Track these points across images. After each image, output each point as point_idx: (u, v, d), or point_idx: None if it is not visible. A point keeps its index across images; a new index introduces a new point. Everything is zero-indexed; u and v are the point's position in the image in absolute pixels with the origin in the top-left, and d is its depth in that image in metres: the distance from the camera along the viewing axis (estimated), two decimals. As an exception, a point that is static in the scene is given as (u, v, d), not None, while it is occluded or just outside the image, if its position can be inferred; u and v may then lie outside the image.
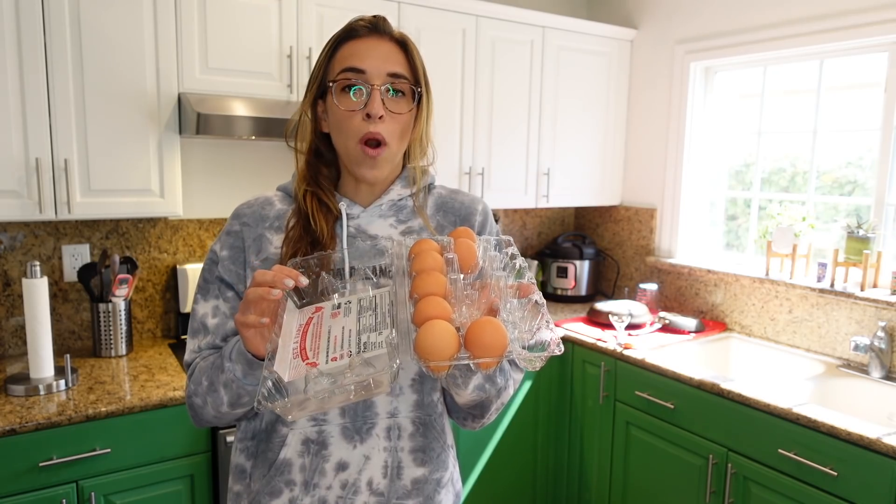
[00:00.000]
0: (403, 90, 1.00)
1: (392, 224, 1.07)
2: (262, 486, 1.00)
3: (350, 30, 1.02)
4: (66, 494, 1.73)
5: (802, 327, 2.49)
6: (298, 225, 1.03)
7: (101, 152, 1.98)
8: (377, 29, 1.02)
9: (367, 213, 1.06)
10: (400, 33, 1.04)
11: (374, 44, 1.00)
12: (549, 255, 3.25)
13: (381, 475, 1.00)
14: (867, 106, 2.39)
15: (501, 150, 2.81)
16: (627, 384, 2.44)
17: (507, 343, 0.76)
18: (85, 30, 1.91)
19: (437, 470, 1.06)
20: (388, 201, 1.07)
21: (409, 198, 1.09)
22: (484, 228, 1.13)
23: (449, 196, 1.14)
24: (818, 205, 2.58)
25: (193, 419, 1.05)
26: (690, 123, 2.91)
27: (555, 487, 2.79)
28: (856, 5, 2.30)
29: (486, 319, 0.78)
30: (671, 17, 2.94)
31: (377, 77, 0.98)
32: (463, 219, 1.11)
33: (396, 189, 1.08)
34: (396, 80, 0.99)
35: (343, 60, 1.00)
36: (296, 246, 1.00)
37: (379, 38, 1.01)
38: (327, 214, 1.03)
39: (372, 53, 0.99)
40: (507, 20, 2.70)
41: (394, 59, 1.00)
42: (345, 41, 1.01)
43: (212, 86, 2.12)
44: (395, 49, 1.01)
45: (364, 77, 0.98)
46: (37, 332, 1.88)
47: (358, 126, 0.98)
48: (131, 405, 1.80)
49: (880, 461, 1.71)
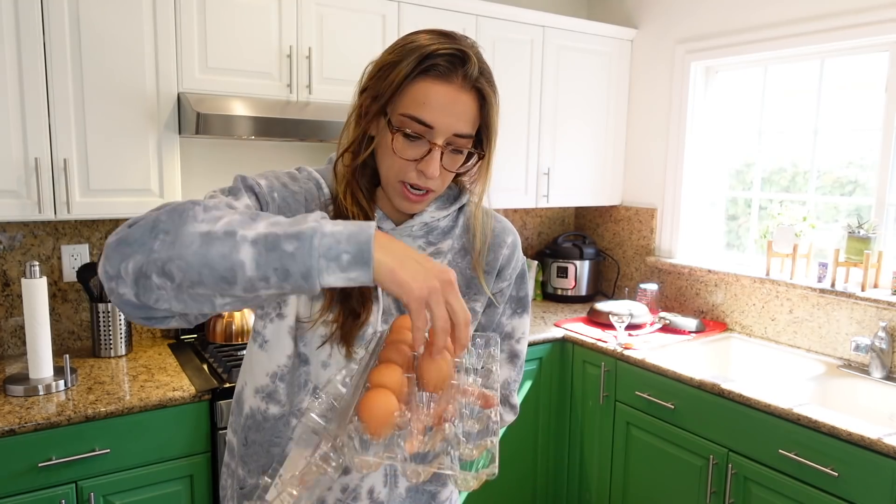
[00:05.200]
0: (464, 149, 0.94)
1: (421, 245, 1.02)
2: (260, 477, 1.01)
3: (433, 63, 0.89)
4: (65, 495, 1.72)
5: (803, 327, 2.49)
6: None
7: (101, 152, 1.98)
8: (464, 74, 0.90)
9: (396, 231, 1.00)
10: (483, 84, 0.92)
11: (451, 96, 0.89)
12: (550, 255, 3.24)
13: (382, 483, 1.00)
14: (868, 106, 2.39)
15: (501, 150, 2.77)
16: (628, 384, 2.44)
17: (390, 416, 0.70)
18: (84, 29, 1.91)
19: (430, 483, 1.06)
20: (419, 223, 1.01)
21: (444, 219, 1.04)
22: (508, 265, 1.08)
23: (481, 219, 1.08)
24: (819, 205, 2.58)
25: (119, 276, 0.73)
26: (691, 123, 2.91)
27: (555, 488, 2.79)
28: (856, 5, 2.29)
29: (377, 391, 0.72)
30: (671, 17, 2.94)
31: (442, 136, 0.90)
32: (489, 249, 1.06)
33: (430, 211, 1.02)
34: (461, 139, 0.92)
35: (412, 103, 0.89)
36: None
37: (460, 87, 0.90)
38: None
39: (446, 109, 0.89)
40: (507, 20, 2.70)
41: (466, 118, 0.91)
42: (422, 75, 0.89)
43: (211, 85, 2.11)
44: (472, 105, 0.92)
45: (430, 132, 0.89)
46: (36, 333, 1.87)
47: (407, 173, 0.91)
48: (130, 405, 1.80)
49: (881, 462, 1.70)
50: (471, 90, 0.91)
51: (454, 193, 1.07)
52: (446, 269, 0.72)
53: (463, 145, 0.93)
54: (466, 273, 1.04)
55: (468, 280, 1.03)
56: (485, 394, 0.77)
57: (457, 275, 0.97)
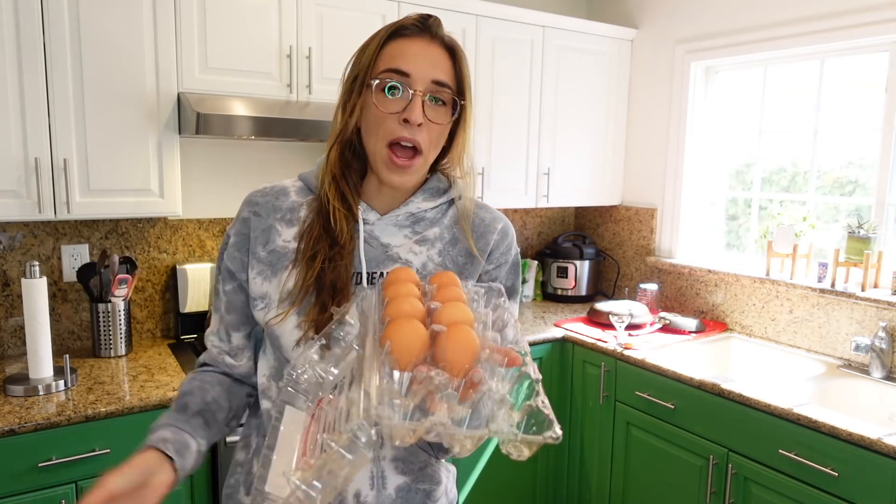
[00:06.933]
0: (445, 100, 0.97)
1: (407, 235, 1.03)
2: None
3: (399, 27, 0.97)
4: (65, 495, 1.72)
5: (803, 327, 2.49)
6: (318, 223, 0.99)
7: (101, 152, 1.98)
8: (428, 30, 0.98)
9: (382, 220, 1.02)
10: (451, 38, 1.00)
11: (422, 47, 0.96)
12: (550, 255, 3.24)
13: (369, 486, 0.99)
14: (868, 106, 2.39)
15: (501, 150, 2.80)
16: (628, 384, 2.44)
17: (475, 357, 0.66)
18: (84, 29, 1.91)
19: (423, 481, 1.02)
20: (405, 213, 1.03)
21: (431, 210, 1.05)
22: (497, 248, 1.07)
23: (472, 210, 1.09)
24: (819, 205, 2.58)
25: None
26: (691, 123, 2.91)
27: (555, 488, 2.79)
28: (856, 5, 2.29)
29: (462, 328, 0.68)
30: (671, 17, 2.94)
31: (421, 82, 0.94)
32: (479, 236, 1.06)
33: (417, 202, 1.03)
34: (440, 88, 0.95)
35: (388, 60, 0.95)
36: (316, 246, 0.97)
37: (429, 41, 0.97)
38: (347, 214, 0.99)
39: (419, 57, 0.95)
40: (507, 20, 2.70)
41: (440, 66, 0.96)
42: (392, 38, 0.97)
43: (211, 85, 2.11)
44: (443, 55, 0.97)
45: (407, 80, 0.94)
46: (36, 333, 1.87)
47: (393, 129, 0.94)
48: (130, 405, 1.80)
49: (881, 462, 1.70)
50: (441, 45, 0.98)
51: (443, 186, 1.07)
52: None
53: (442, 94, 0.96)
54: (458, 261, 1.04)
55: (460, 267, 1.04)
56: (508, 351, 0.73)
57: (448, 262, 1.03)
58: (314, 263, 0.96)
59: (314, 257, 0.96)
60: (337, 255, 0.96)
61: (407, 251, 1.02)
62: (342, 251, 0.96)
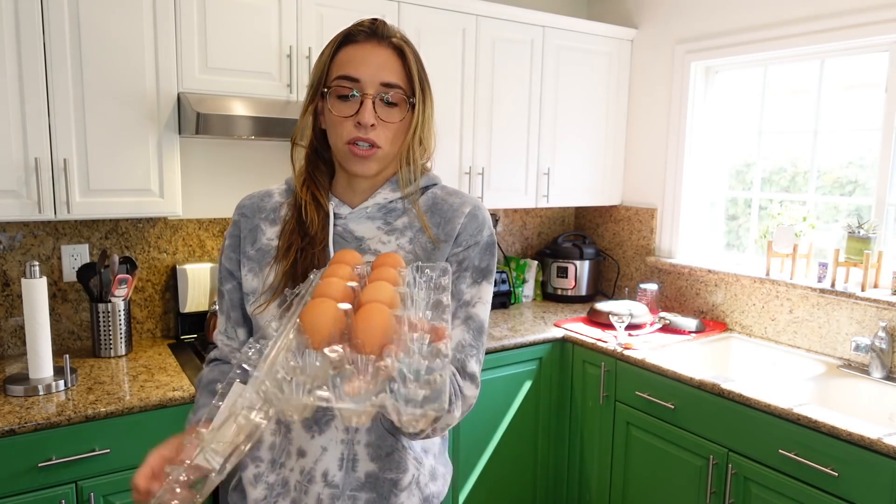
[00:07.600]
0: (396, 100, 1.02)
1: (379, 226, 1.08)
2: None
3: (348, 34, 1.03)
4: (65, 495, 1.72)
5: (803, 327, 2.49)
6: (293, 218, 1.07)
7: (101, 152, 1.98)
8: (375, 34, 1.02)
9: (354, 214, 1.08)
10: (399, 39, 1.04)
11: (370, 51, 1.01)
12: (549, 255, 3.24)
13: (337, 467, 1.01)
14: (868, 106, 2.39)
15: (501, 150, 2.80)
16: (628, 384, 2.44)
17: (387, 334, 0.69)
18: (84, 29, 1.91)
19: (391, 470, 1.02)
20: (373, 204, 1.09)
21: (399, 201, 1.09)
22: (464, 231, 1.07)
23: (442, 197, 1.11)
24: (819, 205, 2.58)
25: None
26: (691, 123, 2.91)
27: (555, 488, 2.79)
28: (856, 5, 2.29)
29: (374, 305, 0.71)
30: (671, 17, 2.94)
31: (371, 86, 1.00)
32: (447, 220, 1.08)
33: (384, 192, 1.09)
34: (390, 89, 1.01)
35: (340, 67, 1.02)
36: (290, 238, 1.05)
37: (377, 44, 1.02)
38: (318, 209, 1.06)
39: (367, 61, 1.00)
40: (507, 20, 2.70)
41: (389, 68, 1.01)
42: (343, 46, 1.03)
43: (211, 85, 2.11)
44: (391, 57, 1.02)
45: (358, 86, 1.00)
46: (36, 333, 1.87)
47: (350, 131, 1.01)
48: (130, 405, 1.80)
49: (881, 462, 1.70)
50: (387, 46, 1.03)
51: (411, 177, 1.11)
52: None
53: (393, 95, 1.01)
54: (427, 247, 1.07)
55: (428, 253, 1.07)
56: (435, 326, 0.76)
57: (417, 248, 1.07)
58: (289, 254, 1.03)
59: (289, 249, 1.04)
60: (308, 245, 1.03)
61: (377, 242, 1.06)
62: (314, 241, 1.04)
